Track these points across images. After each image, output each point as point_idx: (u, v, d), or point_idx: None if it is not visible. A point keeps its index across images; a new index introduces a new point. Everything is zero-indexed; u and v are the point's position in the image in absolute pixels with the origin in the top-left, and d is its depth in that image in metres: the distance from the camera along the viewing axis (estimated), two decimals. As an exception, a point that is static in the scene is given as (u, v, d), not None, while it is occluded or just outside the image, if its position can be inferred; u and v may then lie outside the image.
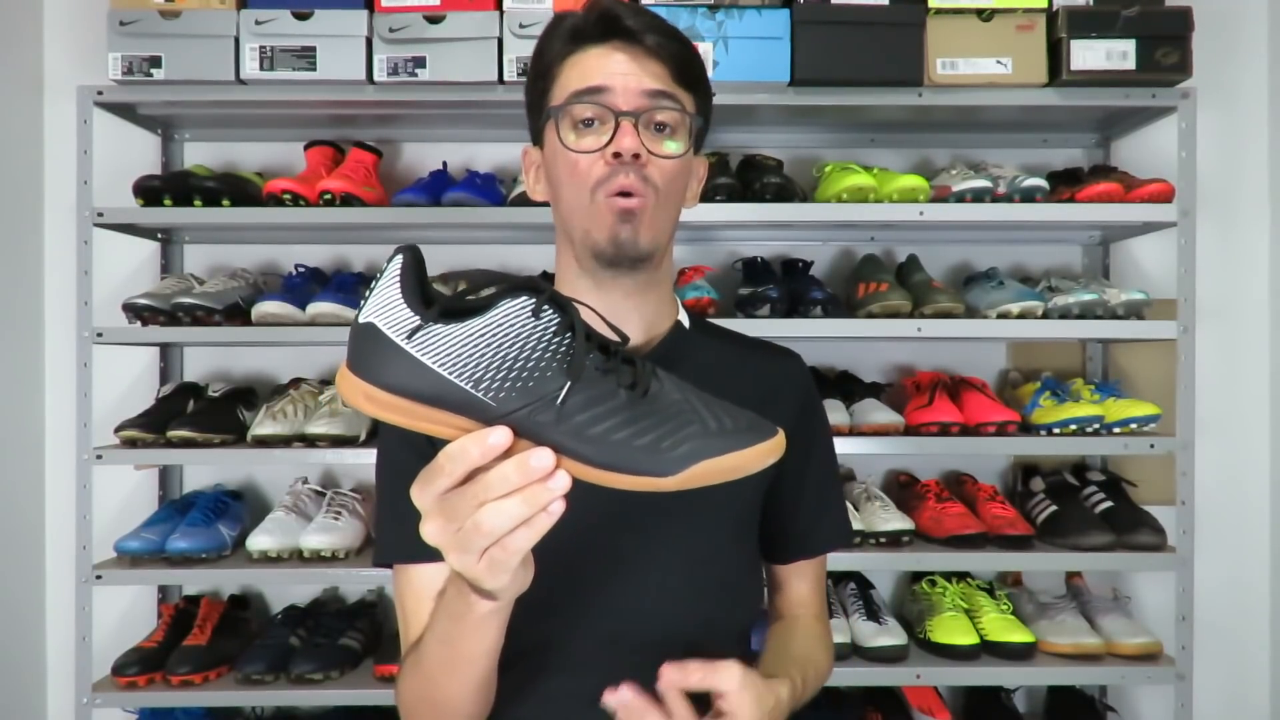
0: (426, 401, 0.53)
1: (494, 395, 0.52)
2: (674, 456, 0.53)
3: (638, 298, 0.87)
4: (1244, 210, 1.97)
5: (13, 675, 1.85)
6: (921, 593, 1.79)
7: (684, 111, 0.83)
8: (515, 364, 0.53)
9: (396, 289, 0.53)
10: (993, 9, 1.64)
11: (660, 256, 0.87)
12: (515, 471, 0.51)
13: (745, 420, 0.57)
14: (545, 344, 0.54)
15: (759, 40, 1.62)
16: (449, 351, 0.52)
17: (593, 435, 0.53)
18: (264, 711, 1.87)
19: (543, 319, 0.54)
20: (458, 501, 0.52)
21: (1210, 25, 1.87)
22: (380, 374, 0.53)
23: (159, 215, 1.69)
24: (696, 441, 0.54)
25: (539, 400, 0.53)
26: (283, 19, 1.63)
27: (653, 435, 0.54)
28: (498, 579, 0.56)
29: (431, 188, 1.72)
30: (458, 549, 0.54)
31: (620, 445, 0.53)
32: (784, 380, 0.95)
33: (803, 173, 1.89)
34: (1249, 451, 1.97)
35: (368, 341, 0.54)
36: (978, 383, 1.79)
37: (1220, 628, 1.94)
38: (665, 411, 0.55)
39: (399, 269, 0.54)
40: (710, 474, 0.54)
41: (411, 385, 0.53)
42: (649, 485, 0.54)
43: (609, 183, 0.80)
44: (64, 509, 1.87)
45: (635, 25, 0.81)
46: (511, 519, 0.52)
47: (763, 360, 0.96)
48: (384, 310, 0.53)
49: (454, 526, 0.53)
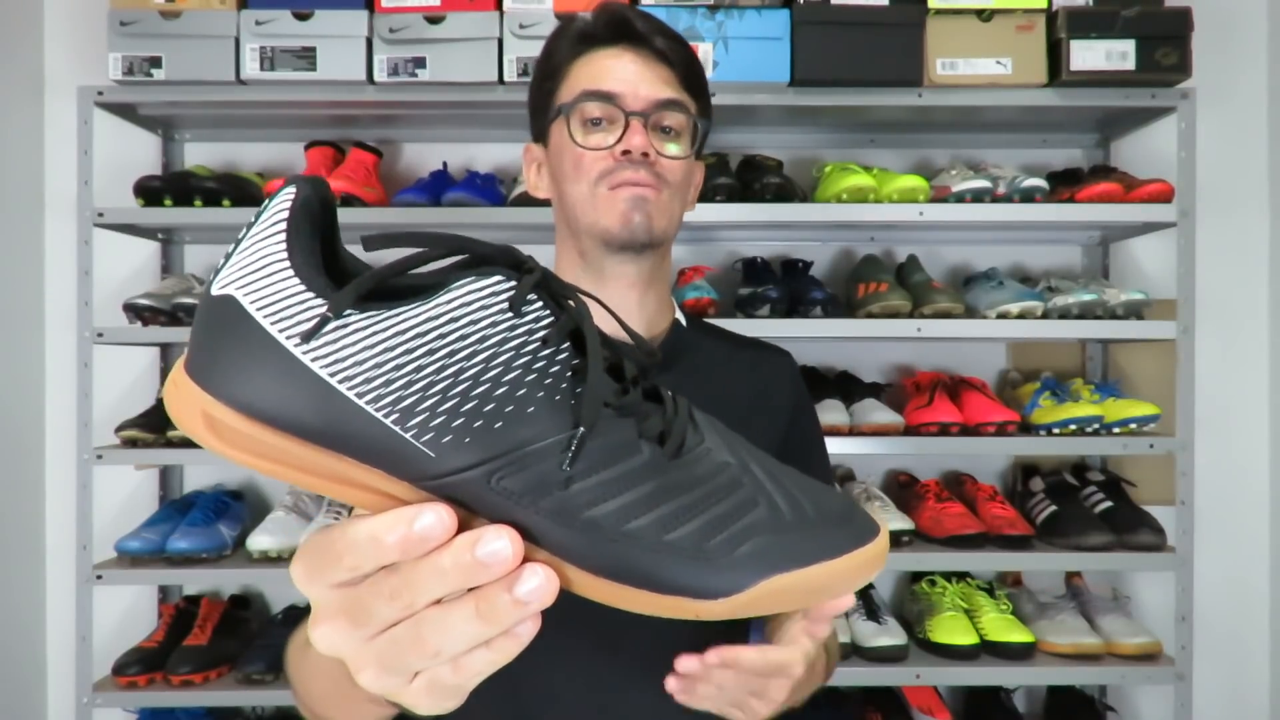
0: (314, 440, 0.32)
1: (432, 440, 0.32)
2: (730, 563, 0.33)
3: (641, 290, 0.88)
4: (1243, 210, 1.97)
5: (13, 675, 1.85)
6: (921, 593, 1.79)
7: (690, 115, 0.85)
8: (475, 389, 0.32)
9: (281, 246, 0.32)
10: (993, 9, 1.64)
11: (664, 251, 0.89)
12: (453, 565, 0.32)
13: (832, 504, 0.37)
14: (527, 359, 0.33)
15: (759, 40, 1.62)
16: (364, 359, 0.31)
17: (596, 520, 0.33)
18: (264, 711, 1.87)
19: (527, 315, 0.33)
20: (369, 599, 0.33)
21: (1210, 25, 1.87)
22: (240, 386, 0.31)
23: (159, 215, 1.69)
24: (765, 538, 0.34)
25: (509, 455, 0.32)
26: (283, 19, 1.63)
27: (694, 524, 0.34)
28: (440, 705, 0.36)
29: (432, 188, 1.72)
30: (377, 666, 0.34)
31: (642, 539, 0.33)
32: (778, 379, 0.96)
33: (803, 173, 1.90)
34: (1249, 451, 1.97)
35: (225, 330, 0.32)
36: (977, 383, 1.79)
37: (1220, 628, 1.94)
38: (711, 482, 0.35)
39: (286, 209, 0.33)
40: (785, 595, 0.34)
41: (291, 412, 0.31)
42: (686, 609, 0.34)
43: (613, 175, 0.82)
44: (64, 509, 1.87)
45: (644, 29, 0.83)
46: (463, 638, 0.33)
47: (756, 358, 0.96)
48: (258, 278, 0.32)
49: (365, 633, 0.34)
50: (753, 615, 0.35)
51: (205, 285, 0.33)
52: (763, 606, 0.34)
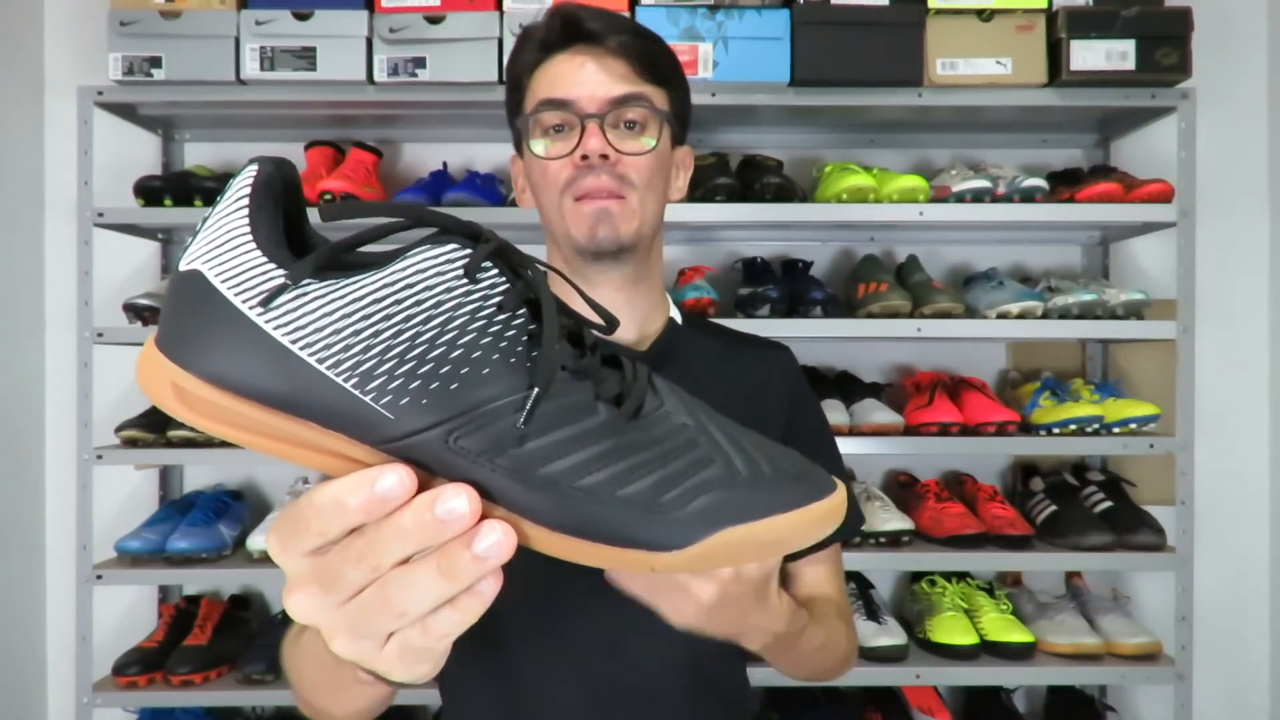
0: (277, 406, 0.33)
1: (391, 403, 0.33)
2: (682, 517, 0.34)
3: (629, 290, 0.88)
4: (1243, 210, 1.97)
5: (13, 675, 1.85)
6: (921, 593, 1.79)
7: (652, 108, 0.84)
8: (431, 354, 0.33)
9: (244, 221, 0.33)
10: (993, 9, 1.64)
11: (647, 247, 0.88)
12: (415, 523, 0.33)
13: (790, 464, 0.38)
14: (482, 323, 0.34)
15: (759, 40, 1.62)
16: (322, 326, 0.33)
17: (551, 476, 0.34)
18: (264, 711, 1.87)
19: (482, 282, 0.34)
20: (337, 564, 0.34)
21: (1210, 25, 1.87)
22: (206, 356, 0.33)
23: (159, 215, 1.69)
24: (718, 493, 0.35)
25: (466, 415, 0.33)
26: (283, 19, 1.63)
27: (649, 480, 0.35)
28: (414, 670, 0.37)
29: (432, 188, 1.72)
30: (348, 632, 0.35)
31: (596, 495, 0.34)
32: (775, 374, 0.95)
33: (803, 173, 1.90)
34: (1249, 451, 1.97)
35: (191, 303, 0.33)
36: (977, 383, 1.79)
37: (1220, 628, 1.94)
38: (667, 442, 0.36)
39: (249, 185, 0.34)
40: (738, 548, 0.35)
41: (255, 379, 0.32)
42: (640, 562, 0.34)
43: (575, 185, 0.82)
44: (64, 509, 1.87)
45: (597, 28, 0.82)
46: (425, 597, 0.34)
47: (754, 354, 0.96)
48: (222, 254, 0.33)
49: (335, 599, 0.35)
50: (707, 568, 0.36)
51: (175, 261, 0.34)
52: (717, 559, 0.35)
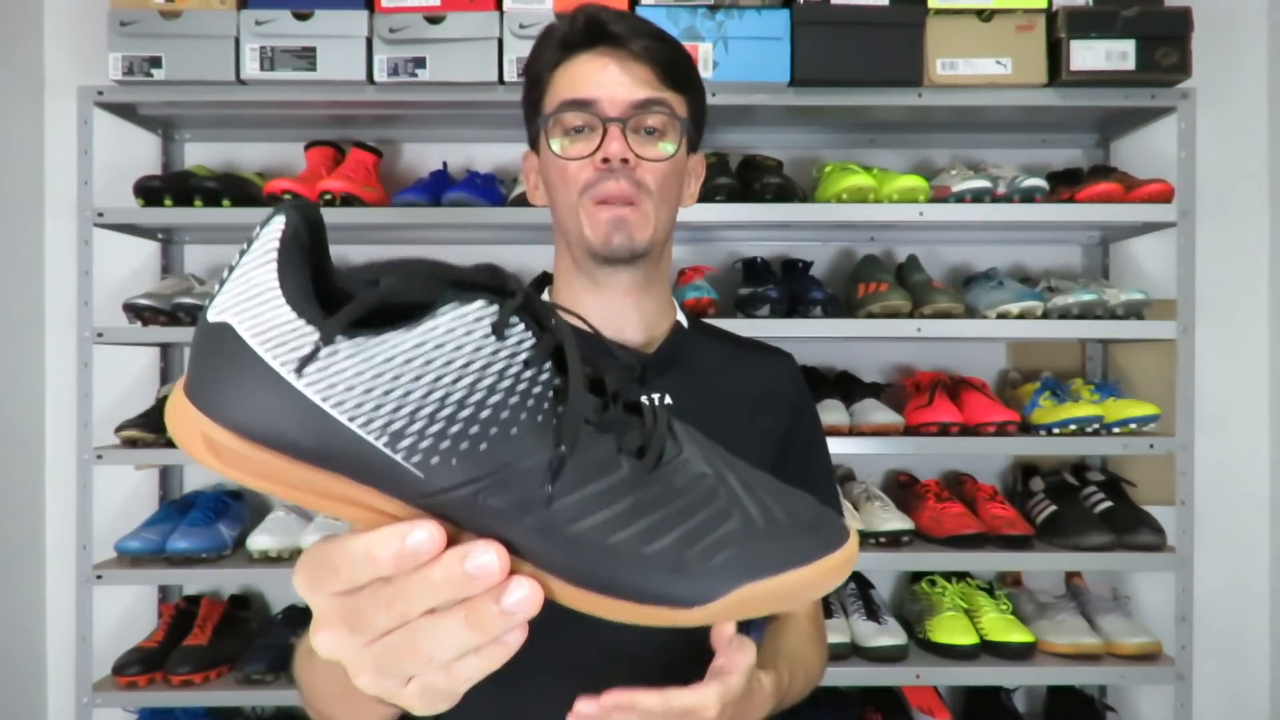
0: (309, 460, 0.34)
1: (422, 461, 0.33)
2: (705, 572, 0.35)
3: (637, 295, 0.88)
4: (1243, 210, 1.97)
5: (13, 675, 1.85)
6: (921, 593, 1.79)
7: (673, 115, 0.84)
8: (460, 413, 0.33)
9: (273, 275, 0.33)
10: (993, 9, 1.64)
11: (658, 253, 0.88)
12: (445, 580, 0.34)
13: (805, 511, 0.39)
14: (510, 382, 0.34)
15: (759, 40, 1.62)
16: (353, 385, 0.33)
17: (578, 534, 0.35)
18: (264, 711, 1.87)
19: (509, 339, 0.34)
20: (366, 607, 0.35)
21: (1210, 25, 1.87)
22: (237, 410, 0.33)
23: (159, 215, 1.69)
24: (738, 548, 0.36)
25: (494, 475, 0.34)
26: (283, 19, 1.63)
27: (672, 536, 0.35)
28: (434, 707, 0.38)
29: (431, 188, 1.72)
30: (374, 671, 0.36)
31: (622, 552, 0.35)
32: (778, 380, 0.96)
33: (803, 173, 1.90)
34: (1249, 451, 1.97)
35: (221, 356, 0.34)
36: (977, 383, 1.79)
37: (1220, 628, 1.94)
38: (688, 494, 0.37)
39: (277, 239, 0.34)
40: (757, 602, 0.36)
41: (286, 433, 0.33)
42: (664, 619, 0.36)
43: (596, 187, 0.82)
44: (64, 509, 1.87)
45: (621, 31, 0.82)
46: (454, 646, 0.35)
47: (757, 360, 0.96)
48: (252, 306, 0.33)
49: (362, 640, 0.36)
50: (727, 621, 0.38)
51: (202, 311, 0.35)
52: (736, 613, 0.36)
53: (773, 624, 0.97)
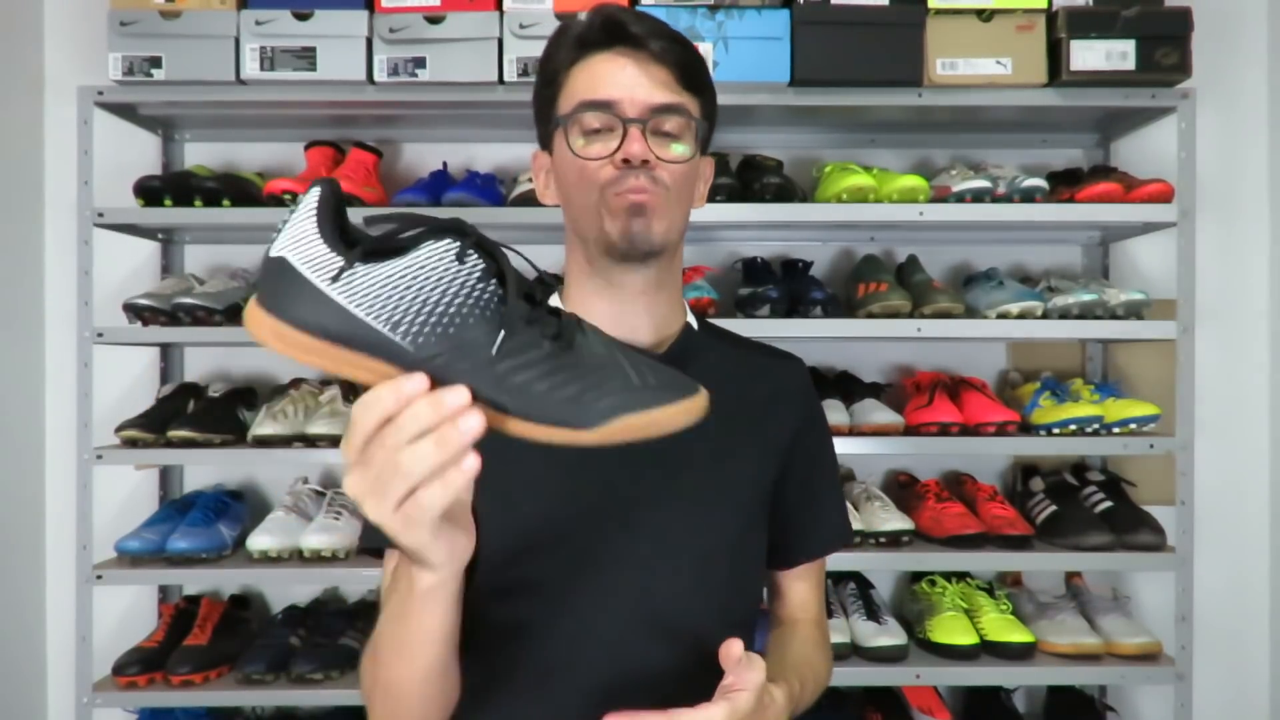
0: (340, 342, 0.51)
1: (412, 340, 0.51)
2: (595, 410, 0.53)
3: (649, 296, 0.89)
4: (1243, 211, 1.97)
5: (13, 675, 1.85)
6: (921, 593, 1.79)
7: (690, 117, 0.84)
8: (436, 309, 0.52)
9: (313, 223, 0.52)
10: (993, 9, 1.64)
11: (671, 253, 0.89)
12: (427, 408, 0.49)
13: (668, 377, 0.57)
14: (468, 290, 0.53)
15: (759, 40, 1.62)
16: (367, 293, 0.51)
17: (513, 385, 0.52)
18: (264, 711, 1.87)
19: (467, 264, 0.53)
20: (374, 448, 0.51)
21: (1210, 25, 1.87)
22: (293, 312, 0.51)
23: (159, 215, 1.69)
24: (619, 396, 0.53)
25: (458, 347, 0.52)
26: (283, 19, 1.63)
27: (575, 388, 0.53)
28: (415, 535, 0.54)
29: (431, 188, 1.72)
30: (374, 495, 0.52)
31: (541, 396, 0.53)
32: (788, 383, 0.96)
33: (803, 173, 1.90)
34: (1249, 451, 1.97)
35: (281, 278, 0.52)
36: (977, 383, 1.79)
37: (1220, 628, 1.94)
38: (589, 365, 0.55)
39: (315, 202, 0.53)
40: (630, 429, 0.53)
41: (325, 325, 0.51)
42: (567, 438, 0.53)
43: (617, 184, 0.82)
44: (64, 509, 1.87)
45: (640, 31, 0.82)
46: (425, 461, 0.50)
47: (767, 363, 0.97)
48: (299, 245, 0.52)
49: (371, 473, 0.51)
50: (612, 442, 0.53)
51: (266, 249, 0.53)
52: (619, 435, 0.53)
53: (778, 631, 0.97)
